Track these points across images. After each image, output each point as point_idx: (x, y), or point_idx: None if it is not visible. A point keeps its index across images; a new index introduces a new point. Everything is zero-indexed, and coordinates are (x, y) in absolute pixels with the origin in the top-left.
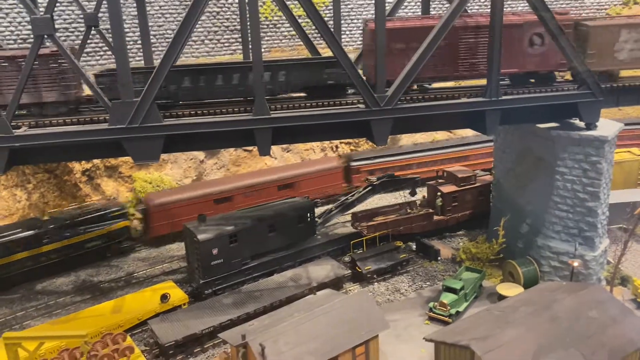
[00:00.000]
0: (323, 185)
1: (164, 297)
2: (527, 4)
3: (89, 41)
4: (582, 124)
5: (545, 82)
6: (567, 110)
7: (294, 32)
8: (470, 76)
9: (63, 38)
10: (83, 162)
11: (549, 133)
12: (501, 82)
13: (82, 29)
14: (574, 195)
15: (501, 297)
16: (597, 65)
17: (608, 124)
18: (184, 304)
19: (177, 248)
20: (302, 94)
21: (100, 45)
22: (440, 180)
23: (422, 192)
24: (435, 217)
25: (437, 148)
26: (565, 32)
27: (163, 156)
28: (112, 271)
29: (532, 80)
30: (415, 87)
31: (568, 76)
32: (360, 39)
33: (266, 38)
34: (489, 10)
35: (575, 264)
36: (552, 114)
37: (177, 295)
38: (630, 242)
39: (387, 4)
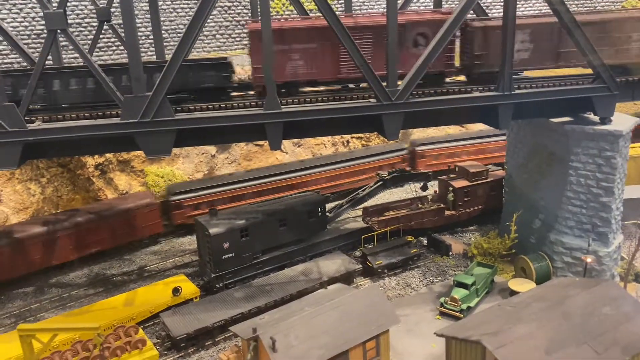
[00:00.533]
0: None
1: (176, 291)
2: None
3: (101, 36)
4: (596, 119)
5: (435, 83)
6: (581, 104)
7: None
8: (355, 79)
9: (76, 33)
10: (96, 156)
11: (562, 127)
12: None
13: (94, 24)
14: (588, 190)
15: (513, 293)
16: (484, 66)
17: (623, 119)
18: (196, 298)
19: (189, 242)
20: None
21: (113, 40)
22: (452, 175)
23: (433, 187)
24: (447, 212)
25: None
26: (580, 27)
27: (175, 150)
28: (125, 264)
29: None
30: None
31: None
32: None
33: None
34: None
35: (589, 259)
36: (565, 109)
37: (189, 288)
38: None
39: None
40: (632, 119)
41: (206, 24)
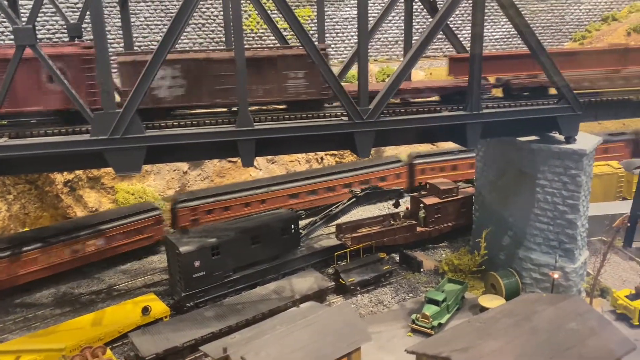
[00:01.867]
0: None
1: (145, 310)
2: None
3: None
4: (561, 138)
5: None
6: (547, 124)
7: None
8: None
9: None
10: (65, 173)
11: (529, 146)
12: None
13: (66, 39)
14: (554, 207)
15: (483, 309)
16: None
17: (587, 138)
18: (166, 317)
19: (159, 260)
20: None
21: None
22: (423, 192)
23: (405, 204)
24: (419, 229)
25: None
26: (545, 49)
27: (146, 167)
28: (93, 283)
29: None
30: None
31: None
32: (346, 52)
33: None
34: None
35: (556, 275)
36: (532, 128)
37: (159, 307)
38: (609, 254)
39: (370, 19)
40: (596, 138)
41: (180, 41)
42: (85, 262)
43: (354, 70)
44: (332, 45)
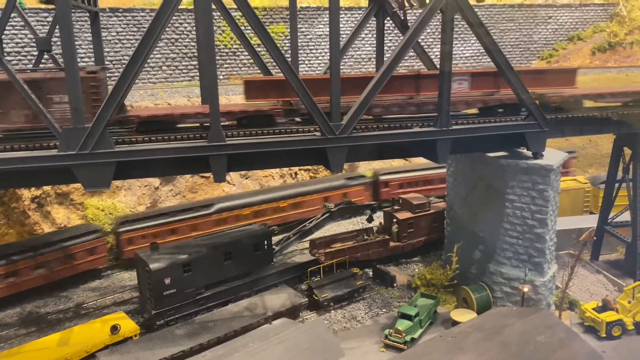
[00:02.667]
0: None
1: (114, 329)
2: None
3: (41, 65)
4: (529, 153)
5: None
6: (515, 140)
7: (253, 61)
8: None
9: (15, 62)
10: (33, 188)
11: (498, 162)
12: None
13: (35, 53)
14: (523, 222)
15: (455, 323)
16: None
17: (554, 154)
18: (135, 335)
19: (129, 277)
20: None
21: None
22: (396, 207)
23: (379, 219)
24: (392, 244)
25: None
26: (512, 68)
27: (117, 183)
28: (61, 302)
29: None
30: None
31: None
32: (319, 68)
33: (225, 65)
34: None
35: (526, 289)
36: (500, 144)
37: (128, 326)
38: (576, 268)
39: (341, 37)
40: (562, 154)
41: (152, 56)
42: (19, 289)
43: None
44: (306, 62)
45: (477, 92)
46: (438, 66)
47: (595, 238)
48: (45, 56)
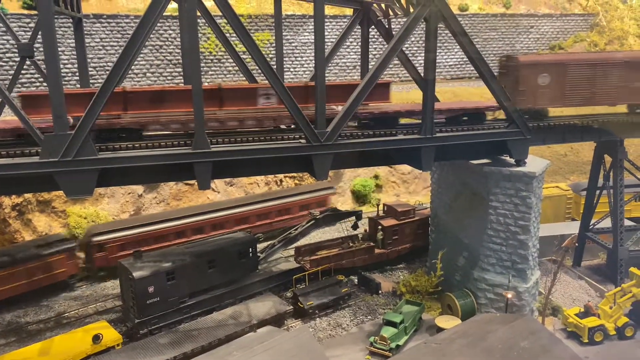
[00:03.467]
0: None
1: (96, 338)
2: None
3: (24, 72)
4: (512, 161)
5: None
6: (498, 147)
7: (238, 68)
8: None
9: None
10: (13, 196)
11: (482, 169)
12: None
13: (17, 59)
14: (507, 228)
15: (440, 330)
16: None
17: (536, 161)
18: (118, 345)
19: (112, 286)
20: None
21: (36, 76)
22: (381, 214)
23: (364, 226)
24: (377, 251)
25: None
26: (494, 76)
27: (99, 190)
28: (42, 311)
29: None
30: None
31: None
32: (305, 75)
33: (210, 72)
34: None
35: (509, 295)
36: (484, 151)
37: (111, 335)
38: (559, 274)
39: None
40: (545, 162)
41: (136, 62)
42: None
43: None
44: (291, 69)
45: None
46: (422, 74)
47: (577, 244)
48: (28, 62)
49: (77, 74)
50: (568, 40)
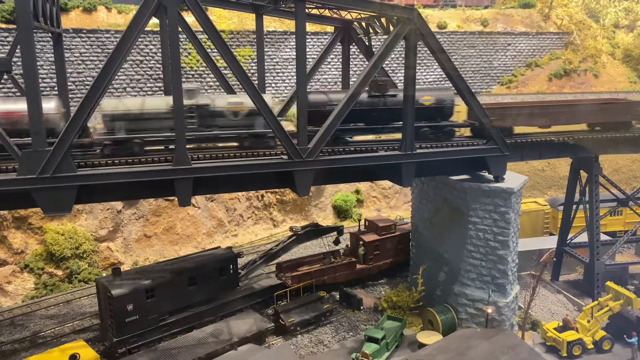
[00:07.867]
0: None
1: (73, 358)
2: None
3: (0, 86)
4: (491, 177)
5: None
6: (476, 163)
7: (219, 83)
8: None
9: None
10: None
11: (461, 185)
12: None
13: None
14: (486, 244)
15: (421, 345)
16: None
17: (514, 177)
18: None
19: (90, 304)
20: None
21: (14, 90)
22: (362, 229)
23: (345, 241)
24: (358, 266)
25: None
26: (473, 93)
27: (77, 206)
28: (16, 331)
29: None
30: None
31: None
32: (286, 91)
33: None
34: None
35: (490, 310)
36: (463, 167)
37: (88, 355)
38: (538, 288)
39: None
40: (523, 177)
41: (116, 77)
42: None
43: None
44: (272, 85)
45: None
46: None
47: (555, 259)
48: (5, 77)
49: (56, 88)
50: (544, 57)
